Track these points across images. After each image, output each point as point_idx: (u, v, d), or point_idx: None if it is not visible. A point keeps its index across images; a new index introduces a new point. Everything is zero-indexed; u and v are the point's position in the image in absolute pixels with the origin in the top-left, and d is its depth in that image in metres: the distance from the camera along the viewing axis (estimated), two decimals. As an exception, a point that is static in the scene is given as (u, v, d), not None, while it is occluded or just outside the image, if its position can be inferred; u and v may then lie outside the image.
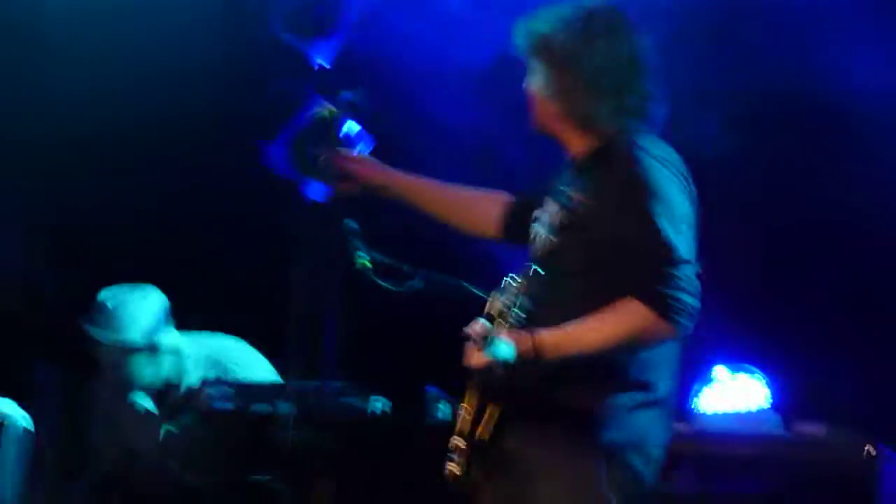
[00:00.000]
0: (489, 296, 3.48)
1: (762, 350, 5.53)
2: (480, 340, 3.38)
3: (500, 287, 3.45)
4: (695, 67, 5.05)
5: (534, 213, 3.57)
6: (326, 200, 3.85)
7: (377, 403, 4.47)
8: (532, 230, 3.55)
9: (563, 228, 3.43)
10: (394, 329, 5.51)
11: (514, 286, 3.42)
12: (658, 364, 3.43)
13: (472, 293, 3.67)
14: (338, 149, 3.83)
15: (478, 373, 3.43)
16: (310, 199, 3.86)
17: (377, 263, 3.83)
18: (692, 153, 3.54)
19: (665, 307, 3.30)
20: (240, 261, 5.75)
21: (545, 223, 3.49)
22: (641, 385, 3.41)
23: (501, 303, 3.42)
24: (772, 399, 5.28)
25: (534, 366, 3.35)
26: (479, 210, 3.79)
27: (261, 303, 4.90)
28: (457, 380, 3.53)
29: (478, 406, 3.45)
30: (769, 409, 5.20)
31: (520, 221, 3.66)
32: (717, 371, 5.34)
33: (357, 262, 3.82)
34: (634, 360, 3.39)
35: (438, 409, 4.43)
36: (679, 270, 3.32)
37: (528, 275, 3.41)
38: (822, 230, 5.68)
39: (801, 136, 5.69)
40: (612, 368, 3.38)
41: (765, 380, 5.33)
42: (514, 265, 3.46)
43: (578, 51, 3.48)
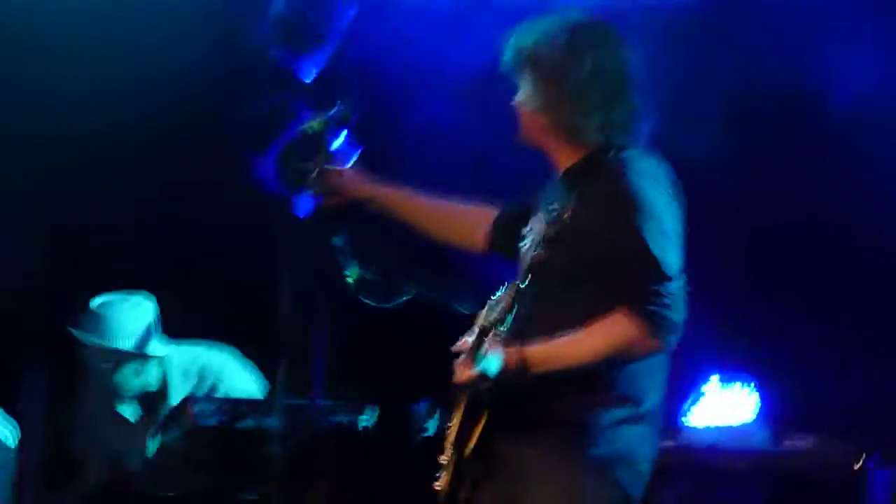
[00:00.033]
0: (477, 310, 3.48)
1: (752, 360, 5.53)
2: (469, 355, 3.38)
3: (489, 301, 3.46)
4: (681, 70, 5.05)
5: (520, 227, 3.56)
6: (315, 214, 3.84)
7: (366, 419, 4.47)
8: (519, 243, 3.54)
9: (551, 242, 3.42)
10: (382, 344, 5.51)
11: (502, 299, 3.42)
12: (645, 378, 3.43)
13: (459, 307, 3.66)
14: (326, 162, 3.82)
15: (466, 387, 3.43)
16: (299, 213, 3.85)
17: (364, 279, 3.82)
18: (678, 157, 3.53)
19: (652, 322, 3.30)
20: (228, 274, 5.74)
21: (532, 237, 3.48)
22: (629, 399, 3.40)
23: (490, 317, 3.42)
24: (761, 410, 5.28)
25: (521, 380, 3.35)
26: (467, 223, 3.79)
27: (249, 318, 4.88)
28: (446, 394, 3.53)
29: (465, 420, 3.45)
30: (757, 423, 5.20)
31: (507, 235, 3.65)
32: (708, 383, 5.34)
33: (345, 278, 3.81)
34: (621, 375, 3.39)
35: (428, 424, 4.42)
36: (665, 287, 3.32)
37: (516, 288, 3.41)
38: (812, 237, 5.67)
39: (789, 142, 5.69)
40: (600, 383, 3.38)
41: (755, 390, 5.33)
42: (502, 279, 3.46)
43: (565, 63, 3.48)
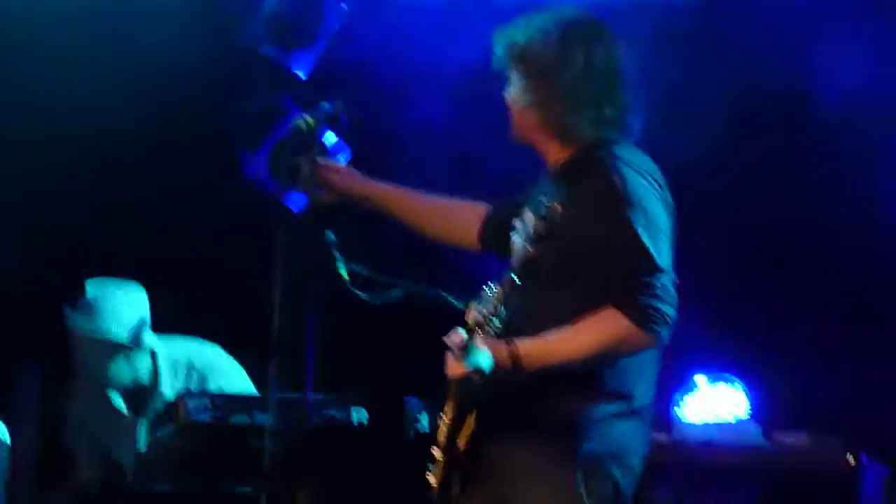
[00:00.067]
0: (468, 306, 3.48)
1: (741, 358, 5.54)
2: (459, 350, 3.38)
3: (479, 297, 3.46)
4: (674, 68, 5.06)
5: (512, 223, 3.56)
6: (306, 211, 3.84)
7: (357, 415, 4.47)
8: (510, 240, 3.55)
9: (541, 238, 3.42)
10: (373, 340, 5.51)
11: (493, 296, 3.42)
12: (636, 374, 3.43)
13: (451, 303, 3.66)
14: (317, 159, 3.82)
15: (457, 383, 3.43)
16: (290, 209, 3.85)
17: (356, 275, 3.82)
18: (666, 158, 3.54)
19: (643, 317, 3.31)
20: (220, 270, 5.73)
21: (523, 233, 3.48)
22: (619, 395, 3.41)
23: (480, 313, 3.41)
24: (751, 408, 5.28)
25: (512, 375, 3.35)
26: (458, 220, 3.79)
27: (240, 314, 4.89)
28: (437, 390, 3.53)
29: (456, 416, 3.45)
30: (748, 419, 5.21)
31: (498, 231, 3.65)
32: (697, 380, 5.35)
33: (338, 274, 3.81)
34: (612, 371, 3.39)
35: (418, 420, 4.42)
36: (657, 279, 3.32)
37: (507, 284, 3.41)
38: (801, 236, 5.68)
39: (777, 142, 5.70)
40: (590, 379, 3.38)
41: (744, 389, 5.34)
42: (493, 274, 3.46)
43: (557, 60, 3.48)
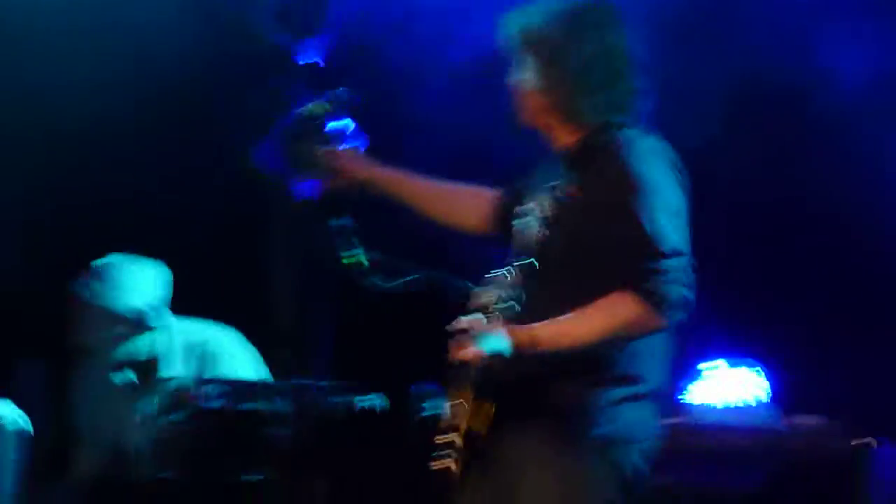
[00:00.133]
0: (479, 289, 3.48)
1: (757, 342, 5.53)
2: (472, 334, 3.38)
3: (491, 280, 3.46)
4: (676, 59, 5.04)
5: (520, 207, 3.56)
6: (316, 197, 3.85)
7: (367, 400, 4.47)
8: (519, 224, 3.54)
9: (554, 221, 3.43)
10: (384, 325, 5.51)
11: (505, 279, 3.42)
12: (648, 357, 3.43)
13: (462, 287, 3.66)
14: (327, 146, 3.83)
15: (469, 367, 3.43)
16: (299, 196, 3.86)
17: (367, 260, 3.82)
18: (687, 142, 3.53)
19: (657, 299, 3.30)
20: (231, 258, 5.74)
21: (535, 216, 3.48)
22: (631, 378, 3.40)
23: (492, 296, 3.42)
24: (770, 392, 5.28)
25: (525, 359, 3.35)
26: (465, 205, 3.79)
27: (252, 302, 4.88)
28: (448, 375, 3.53)
29: (473, 401, 3.45)
30: (766, 402, 5.20)
31: (506, 216, 3.65)
32: (715, 364, 5.34)
33: (346, 260, 3.82)
34: (624, 354, 3.39)
35: (428, 406, 4.42)
36: (671, 262, 3.31)
37: (519, 268, 3.42)
38: (819, 222, 5.67)
39: (797, 127, 5.69)
40: (602, 362, 3.38)
41: (762, 372, 5.33)
42: (502, 259, 3.46)
43: (567, 44, 3.48)
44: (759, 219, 5.75)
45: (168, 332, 4.94)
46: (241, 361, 5.00)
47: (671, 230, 3.35)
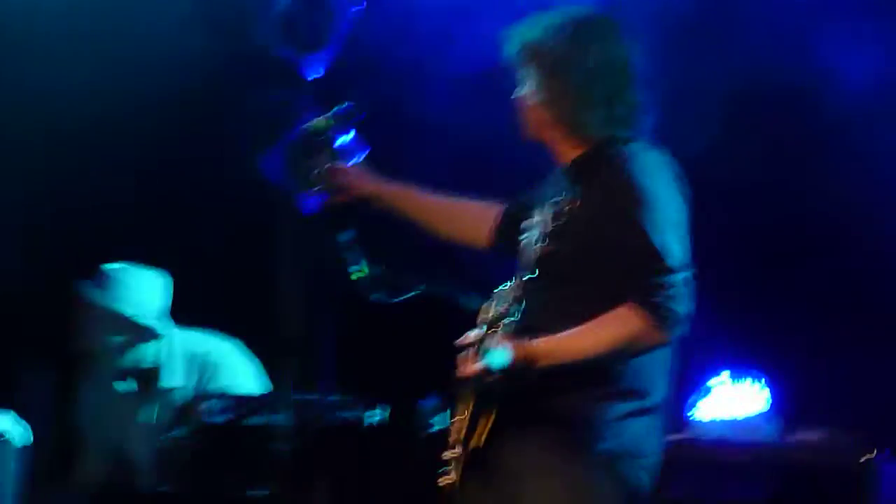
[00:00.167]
0: (486, 304, 3.48)
1: (760, 354, 5.52)
2: (475, 349, 3.38)
3: (494, 295, 3.46)
4: (677, 60, 5.04)
5: (524, 222, 3.56)
6: (321, 212, 3.85)
7: (373, 415, 4.46)
8: (523, 238, 3.55)
9: (556, 236, 3.43)
10: (389, 340, 5.51)
11: (508, 294, 3.42)
12: (651, 371, 3.43)
13: (466, 302, 3.66)
14: (332, 160, 3.83)
15: (472, 381, 3.43)
16: (304, 211, 3.85)
17: (371, 275, 3.82)
18: (684, 150, 3.53)
19: (658, 314, 3.30)
20: (235, 270, 5.72)
21: (537, 231, 3.48)
22: (635, 393, 3.40)
23: (495, 311, 3.43)
24: (772, 404, 5.26)
25: (528, 373, 3.35)
26: (471, 220, 3.79)
27: (256, 315, 4.87)
28: (452, 390, 3.53)
29: (472, 414, 3.45)
30: (768, 415, 5.19)
31: (511, 230, 3.65)
32: (718, 377, 5.33)
33: (352, 274, 3.82)
34: (627, 368, 3.39)
35: (434, 420, 4.42)
36: (672, 276, 3.32)
37: (521, 282, 3.42)
38: (825, 231, 5.65)
39: (799, 134, 5.68)
40: (606, 377, 3.38)
41: (766, 385, 5.32)
42: (507, 273, 3.46)
43: (569, 57, 3.48)
44: (761, 225, 5.73)
45: (170, 342, 4.94)
46: (243, 373, 5.00)
47: (676, 244, 3.36)
